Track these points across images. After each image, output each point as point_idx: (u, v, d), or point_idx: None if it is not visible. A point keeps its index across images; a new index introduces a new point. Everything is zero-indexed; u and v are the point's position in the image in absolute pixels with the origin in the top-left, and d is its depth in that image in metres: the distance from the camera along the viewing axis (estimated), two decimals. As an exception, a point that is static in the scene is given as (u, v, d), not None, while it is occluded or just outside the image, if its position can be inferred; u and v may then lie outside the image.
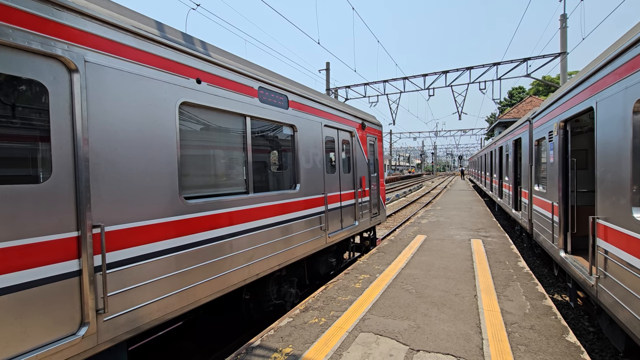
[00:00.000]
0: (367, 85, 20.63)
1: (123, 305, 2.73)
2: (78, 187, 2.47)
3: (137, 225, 2.87)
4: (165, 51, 3.20)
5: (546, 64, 15.38)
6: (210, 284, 3.58)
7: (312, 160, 5.74)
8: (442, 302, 4.48)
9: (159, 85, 3.11)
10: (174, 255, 3.18)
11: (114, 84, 2.74)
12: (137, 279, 2.84)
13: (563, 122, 5.58)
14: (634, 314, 3.22)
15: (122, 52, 2.81)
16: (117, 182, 2.73)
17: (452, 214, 13.04)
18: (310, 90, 6.02)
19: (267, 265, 4.49)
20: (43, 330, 2.25)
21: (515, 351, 3.27)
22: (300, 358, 3.25)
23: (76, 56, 2.47)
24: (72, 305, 2.42)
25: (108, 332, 2.62)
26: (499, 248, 7.41)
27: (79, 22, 2.52)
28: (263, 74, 4.62)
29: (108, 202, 2.66)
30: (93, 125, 2.57)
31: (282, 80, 5.10)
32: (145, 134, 2.98)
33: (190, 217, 3.37)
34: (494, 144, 16.41)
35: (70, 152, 2.43)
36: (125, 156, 2.80)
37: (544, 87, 41.12)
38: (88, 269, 2.47)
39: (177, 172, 3.23)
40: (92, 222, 2.54)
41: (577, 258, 5.37)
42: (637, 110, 3.28)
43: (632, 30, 3.47)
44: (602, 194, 4.00)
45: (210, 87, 3.67)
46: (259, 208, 4.39)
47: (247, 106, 4.23)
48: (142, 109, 2.95)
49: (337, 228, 6.59)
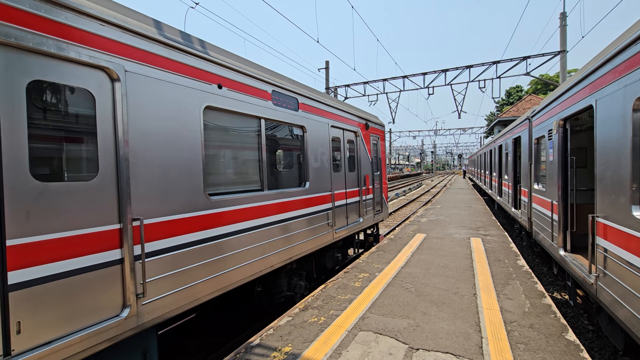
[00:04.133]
0: (366, 84, 20.59)
1: (159, 290, 3.04)
2: (120, 184, 2.76)
3: (169, 219, 3.18)
4: (191, 59, 3.49)
5: (546, 62, 15.36)
6: (233, 273, 3.91)
7: (320, 159, 6.03)
8: (442, 301, 4.48)
9: (186, 91, 3.41)
10: (200, 246, 3.49)
11: (149, 91, 3.04)
12: (170, 267, 3.15)
13: (562, 120, 5.57)
14: (634, 312, 3.22)
15: (155, 61, 3.11)
16: (152, 179, 3.03)
17: (452, 212, 13.05)
18: (318, 93, 6.27)
19: (280, 258, 4.78)
20: (93, 310, 2.54)
21: (514, 350, 3.27)
22: (300, 357, 3.25)
23: (118, 66, 2.77)
24: (116, 290, 2.72)
25: (146, 315, 2.92)
26: (499, 246, 7.41)
27: (120, 35, 2.82)
28: (276, 79, 4.89)
29: (145, 198, 2.95)
30: (132, 129, 2.87)
31: (293, 84, 5.38)
32: (175, 136, 3.28)
33: (214, 212, 3.68)
34: (494, 142, 16.41)
35: (113, 153, 2.74)
36: (159, 156, 3.11)
37: (542, 85, 41.11)
38: (129, 257, 2.77)
39: (202, 170, 3.53)
40: (132, 215, 2.83)
41: (576, 256, 5.37)
42: (637, 108, 3.27)
43: (631, 28, 3.45)
44: (602, 192, 4.00)
45: (229, 92, 3.98)
46: (273, 204, 4.68)
47: (262, 109, 4.52)
48: (172, 112, 3.25)
49: (343, 224, 6.88)
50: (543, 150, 7.08)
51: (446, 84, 18.20)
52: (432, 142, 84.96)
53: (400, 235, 8.97)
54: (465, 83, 18.07)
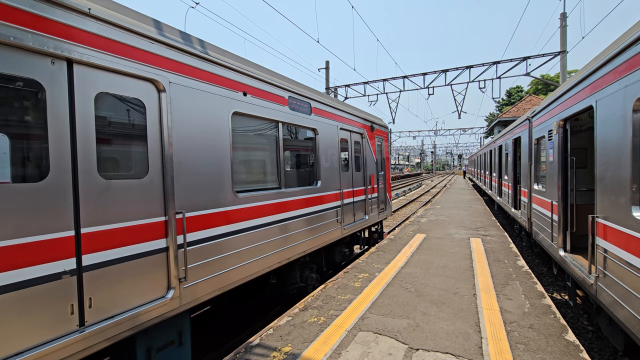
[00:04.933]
0: (366, 84, 20.59)
1: (197, 276, 3.43)
2: (165, 181, 3.15)
3: (205, 213, 3.57)
4: (222, 70, 3.89)
5: (546, 63, 15.34)
6: (257, 263, 4.31)
7: (330, 160, 6.42)
8: (442, 301, 4.48)
9: (217, 99, 3.80)
10: (229, 238, 3.88)
11: (188, 99, 3.43)
12: (205, 256, 3.54)
13: (563, 120, 5.57)
14: (633, 312, 3.21)
15: (193, 72, 3.50)
16: (191, 177, 3.42)
17: (452, 212, 13.05)
18: (329, 97, 6.72)
19: (296, 251, 5.20)
20: (144, 291, 2.93)
21: (514, 350, 3.27)
22: (300, 357, 3.25)
23: (164, 79, 3.17)
24: (163, 274, 3.10)
25: (186, 297, 3.31)
26: (498, 247, 7.41)
27: (165, 51, 3.21)
28: (292, 85, 5.30)
29: (185, 194, 3.35)
30: (175, 133, 3.25)
31: (306, 90, 5.78)
32: (209, 139, 3.66)
33: (240, 207, 4.08)
34: (494, 142, 16.41)
35: (160, 154, 3.13)
36: (196, 157, 3.49)
37: (542, 85, 41.10)
38: (173, 246, 3.15)
39: (230, 170, 3.93)
40: (176, 209, 3.22)
41: (576, 257, 5.37)
42: (637, 109, 3.27)
43: (631, 28, 3.45)
44: (602, 193, 3.99)
45: (253, 99, 4.38)
46: (290, 201, 5.08)
47: (280, 113, 4.93)
48: (206, 118, 3.63)
49: (350, 221, 7.28)
50: (543, 151, 7.08)
51: (446, 84, 18.19)
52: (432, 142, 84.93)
53: (400, 235, 8.97)
54: (465, 83, 18.05)
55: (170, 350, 3.37)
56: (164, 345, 3.30)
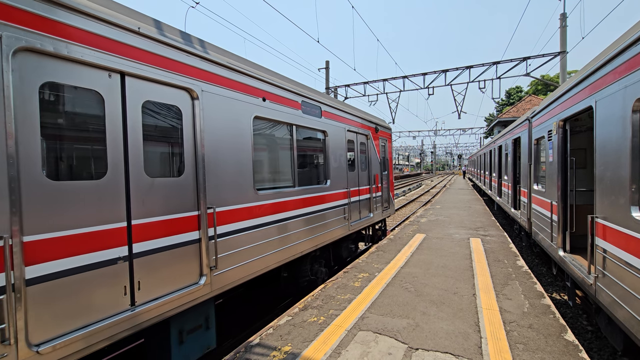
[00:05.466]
0: (366, 84, 20.58)
1: (225, 264, 3.82)
2: (198, 179, 3.52)
3: (231, 208, 3.95)
4: (245, 78, 4.27)
5: (546, 63, 15.34)
6: (276, 254, 4.72)
7: (338, 160, 6.79)
8: (441, 301, 4.48)
9: (241, 105, 4.17)
10: (251, 232, 4.26)
11: (217, 105, 3.79)
12: (232, 247, 3.93)
13: (562, 121, 5.57)
14: (633, 313, 3.22)
15: (221, 81, 3.88)
16: (220, 176, 3.79)
17: (452, 212, 13.05)
18: (337, 101, 7.15)
19: (308, 245, 5.59)
20: (181, 277, 3.31)
21: (513, 350, 3.28)
22: (299, 356, 3.26)
23: (197, 87, 3.52)
24: (196, 263, 3.47)
25: (216, 284, 3.69)
26: (498, 247, 7.42)
27: (199, 62, 3.58)
28: (305, 90, 5.70)
29: (215, 191, 3.71)
30: (206, 136, 3.62)
31: (317, 94, 6.16)
32: (234, 141, 4.03)
33: (260, 204, 4.45)
34: (493, 143, 16.41)
35: (193, 155, 3.49)
36: (223, 157, 3.86)
37: (542, 86, 41.11)
38: (205, 237, 3.53)
39: (252, 169, 4.29)
40: (207, 204, 3.59)
41: (575, 257, 5.38)
42: (637, 109, 3.27)
43: (631, 29, 3.46)
44: (601, 193, 4.00)
45: (271, 104, 4.74)
46: (303, 199, 5.47)
47: (294, 117, 5.30)
48: (231, 122, 4.00)
49: (357, 218, 7.65)
50: (543, 151, 7.09)
51: (446, 84, 18.19)
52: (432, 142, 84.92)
53: (400, 235, 8.98)
54: (465, 83, 18.05)
55: (199, 333, 3.74)
56: (193, 328, 3.67)
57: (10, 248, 2.14)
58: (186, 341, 3.56)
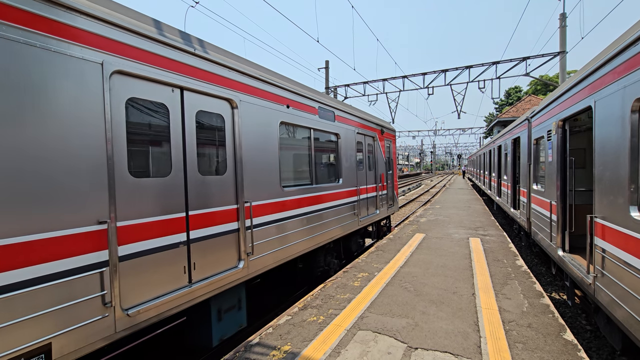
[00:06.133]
0: (366, 84, 20.58)
1: (259, 251, 4.40)
2: (237, 177, 4.11)
3: (262, 202, 4.54)
4: (273, 88, 4.84)
5: (545, 63, 15.36)
6: (298, 245, 5.34)
7: (349, 160, 7.35)
8: (441, 300, 4.49)
9: (270, 112, 4.75)
10: (279, 224, 4.86)
11: (251, 113, 4.36)
12: (264, 236, 4.51)
13: (562, 121, 5.58)
14: (631, 312, 3.23)
15: (254, 92, 4.46)
16: (253, 175, 4.37)
17: (451, 212, 13.07)
18: (348, 106, 7.79)
19: (324, 237, 6.20)
20: (224, 261, 3.90)
21: (512, 349, 3.29)
22: (299, 356, 3.26)
23: (237, 98, 4.12)
24: (235, 249, 4.06)
25: (252, 267, 4.27)
26: (497, 246, 7.43)
27: (239, 76, 4.19)
28: (321, 97, 6.31)
29: (250, 188, 4.29)
30: (243, 140, 4.20)
31: (331, 100, 6.78)
32: (264, 143, 4.61)
33: (285, 199, 5.04)
34: (493, 142, 16.42)
35: (233, 156, 4.09)
36: (256, 158, 4.45)
37: (542, 86, 41.12)
38: (243, 227, 4.12)
39: (279, 169, 4.89)
40: (244, 199, 4.17)
41: (574, 257, 5.39)
42: (636, 109, 3.28)
43: (631, 29, 3.46)
44: (600, 193, 4.01)
45: (293, 110, 5.34)
46: (319, 195, 6.06)
47: (312, 121, 5.91)
48: (262, 127, 4.59)
49: (365, 214, 8.25)
50: (542, 151, 7.10)
51: (446, 84, 18.19)
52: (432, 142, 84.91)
53: (400, 235, 8.99)
54: (464, 83, 18.05)
55: (233, 312, 4.30)
56: (229, 308, 4.22)
57: (110, 231, 2.70)
58: (223, 319, 4.13)
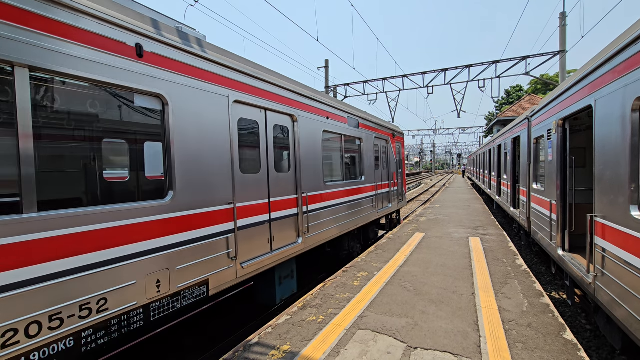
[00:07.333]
0: (366, 83, 20.55)
1: (311, 231, 5.82)
2: (297, 174, 5.49)
3: (313, 194, 5.93)
4: (319, 104, 6.27)
5: (545, 62, 15.36)
6: (334, 229, 6.75)
7: (369, 161, 8.83)
8: (440, 300, 4.48)
9: (317, 123, 6.17)
10: (323, 211, 6.29)
11: (305, 124, 5.75)
12: (314, 220, 5.93)
13: (562, 120, 5.57)
14: (631, 311, 3.22)
15: (307, 108, 5.87)
16: (307, 171, 5.75)
17: (451, 211, 13.06)
18: (368, 115, 9.27)
19: (352, 225, 7.63)
20: (290, 237, 5.32)
21: (512, 349, 3.28)
22: (298, 355, 3.25)
23: (296, 114, 5.47)
24: (295, 229, 5.44)
25: (307, 243, 5.68)
26: (497, 246, 7.42)
27: (298, 97, 5.59)
28: (348, 108, 7.80)
29: (305, 182, 5.68)
30: (301, 145, 5.60)
31: (356, 110, 8.31)
32: (312, 148, 5.98)
33: (327, 192, 6.48)
34: (493, 142, 16.41)
35: (294, 158, 5.47)
36: (309, 159, 5.84)
37: (542, 85, 41.08)
38: (301, 212, 5.53)
39: (322, 167, 6.28)
40: (302, 190, 5.57)
41: (574, 256, 5.38)
42: (636, 108, 3.27)
43: (631, 28, 3.45)
44: (600, 192, 4.00)
45: (331, 120, 6.82)
46: (349, 189, 7.51)
47: (343, 128, 7.37)
48: (312, 135, 5.99)
49: (381, 207, 9.80)
50: (542, 150, 7.09)
51: (446, 83, 18.17)
52: (432, 141, 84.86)
53: (399, 234, 8.98)
54: (464, 82, 18.03)
55: (288, 280, 5.61)
56: (286, 275, 5.54)
57: (234, 209, 4.09)
58: (283, 284, 5.42)
